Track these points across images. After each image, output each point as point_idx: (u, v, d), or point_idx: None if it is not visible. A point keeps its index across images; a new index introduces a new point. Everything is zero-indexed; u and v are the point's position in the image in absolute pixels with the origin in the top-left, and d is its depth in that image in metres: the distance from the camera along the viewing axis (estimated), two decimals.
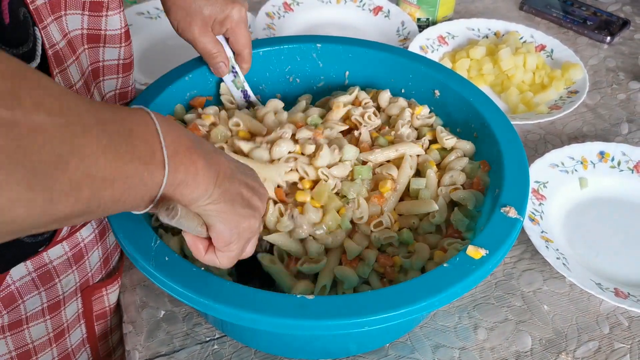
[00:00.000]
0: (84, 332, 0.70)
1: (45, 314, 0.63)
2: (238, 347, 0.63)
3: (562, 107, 0.91)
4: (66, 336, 0.67)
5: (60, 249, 0.62)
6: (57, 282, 0.63)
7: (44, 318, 0.63)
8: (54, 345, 0.66)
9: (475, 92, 0.73)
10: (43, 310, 0.63)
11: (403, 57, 0.78)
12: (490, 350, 0.64)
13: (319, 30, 1.10)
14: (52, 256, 0.61)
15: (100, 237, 0.67)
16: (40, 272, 0.61)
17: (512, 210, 0.57)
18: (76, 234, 0.63)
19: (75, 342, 0.69)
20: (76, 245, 0.64)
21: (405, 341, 0.64)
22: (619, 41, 1.12)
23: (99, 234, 0.67)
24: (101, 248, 0.68)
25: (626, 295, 0.67)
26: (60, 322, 0.66)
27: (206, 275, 0.51)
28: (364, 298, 0.50)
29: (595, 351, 0.64)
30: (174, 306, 0.67)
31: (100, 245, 0.68)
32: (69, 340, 0.68)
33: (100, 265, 0.69)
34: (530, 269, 0.72)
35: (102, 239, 0.68)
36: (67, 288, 0.64)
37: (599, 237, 0.76)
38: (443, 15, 1.12)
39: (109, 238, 0.69)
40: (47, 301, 0.63)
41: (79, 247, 0.64)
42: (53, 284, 0.63)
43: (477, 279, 0.53)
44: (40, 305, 0.62)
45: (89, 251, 0.66)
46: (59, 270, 0.63)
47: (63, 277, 0.63)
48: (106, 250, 0.69)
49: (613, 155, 0.83)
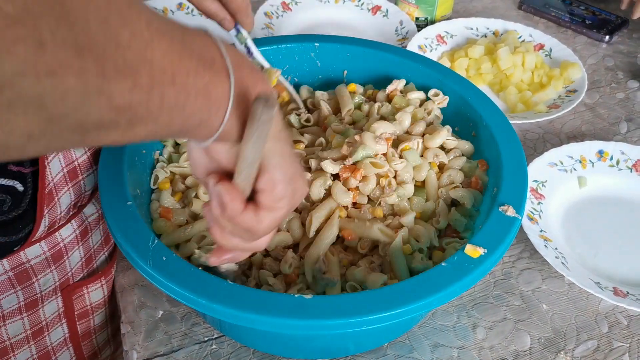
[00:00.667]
0: (66, 332, 0.69)
1: (22, 311, 0.63)
2: (236, 346, 0.63)
3: (561, 106, 0.91)
4: (45, 334, 0.67)
5: (38, 248, 0.62)
6: (34, 282, 0.63)
7: (20, 316, 0.63)
8: (31, 342, 0.66)
9: (473, 91, 0.72)
10: (20, 308, 0.63)
11: (401, 57, 0.78)
12: (489, 350, 0.64)
13: (317, 29, 1.10)
14: (29, 255, 0.61)
15: (82, 237, 0.67)
16: (16, 271, 0.60)
17: (511, 209, 0.57)
18: (55, 234, 0.63)
19: (56, 340, 0.69)
20: (55, 245, 0.63)
21: (403, 340, 0.64)
22: (617, 40, 1.12)
23: (81, 234, 0.66)
24: (83, 248, 0.67)
25: (625, 294, 0.67)
26: (38, 320, 0.65)
27: (204, 275, 0.51)
28: (362, 297, 0.50)
29: (594, 350, 0.64)
30: (172, 306, 0.67)
31: (82, 246, 0.67)
32: (48, 339, 0.68)
33: (81, 265, 0.68)
34: (529, 268, 0.72)
35: (84, 239, 0.67)
36: (45, 287, 0.64)
37: (597, 236, 0.76)
38: (442, 15, 1.12)
39: (92, 238, 0.69)
40: (24, 299, 0.63)
41: (58, 247, 0.64)
42: (30, 283, 0.62)
43: (476, 278, 0.53)
44: (17, 304, 0.62)
45: (69, 251, 0.65)
46: (37, 270, 0.62)
47: (41, 277, 0.63)
48: (89, 250, 0.69)
49: (612, 154, 0.83)
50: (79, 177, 0.63)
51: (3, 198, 0.56)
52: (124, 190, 0.58)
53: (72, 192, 0.63)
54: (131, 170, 0.62)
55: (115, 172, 0.59)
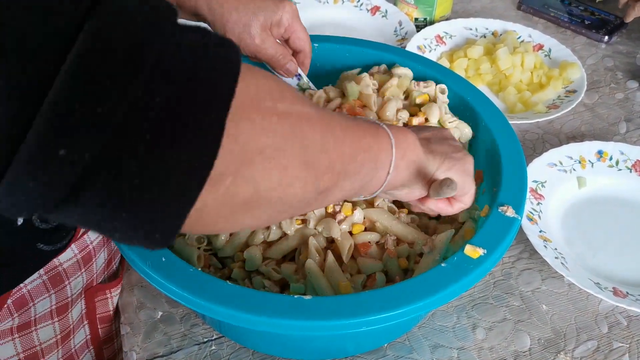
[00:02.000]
0: (87, 333, 0.70)
1: (54, 316, 0.63)
2: (236, 347, 0.63)
3: (560, 107, 0.91)
4: (71, 337, 0.67)
5: (70, 252, 0.62)
6: (66, 284, 0.63)
7: (52, 320, 0.63)
8: (59, 346, 0.66)
9: (473, 91, 0.72)
10: (52, 312, 0.63)
11: (401, 57, 0.78)
12: (489, 350, 0.64)
13: (316, 30, 1.10)
14: (62, 259, 0.62)
15: (106, 239, 0.67)
16: (50, 275, 0.61)
17: (510, 209, 0.57)
18: (84, 237, 0.64)
19: (78, 343, 0.69)
20: (85, 248, 0.64)
21: (403, 341, 0.64)
22: (616, 40, 1.12)
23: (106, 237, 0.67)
24: (106, 250, 0.68)
25: (625, 295, 0.66)
26: (67, 324, 0.66)
27: (203, 276, 0.51)
28: (362, 298, 0.50)
29: (594, 351, 0.64)
30: (171, 307, 0.67)
31: (106, 247, 0.68)
32: (72, 342, 0.68)
33: (104, 267, 0.69)
34: (529, 268, 0.72)
35: (108, 240, 0.68)
36: (75, 290, 0.65)
37: (597, 236, 0.76)
38: (441, 15, 1.12)
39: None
40: (56, 303, 0.63)
41: (88, 250, 0.65)
42: (63, 286, 0.63)
43: (475, 278, 0.52)
44: (49, 307, 0.63)
45: (97, 253, 0.66)
46: (69, 273, 0.63)
47: (72, 279, 0.64)
48: (110, 251, 0.70)
49: (611, 155, 0.83)
50: None
51: None
52: None
53: None
54: None
55: None
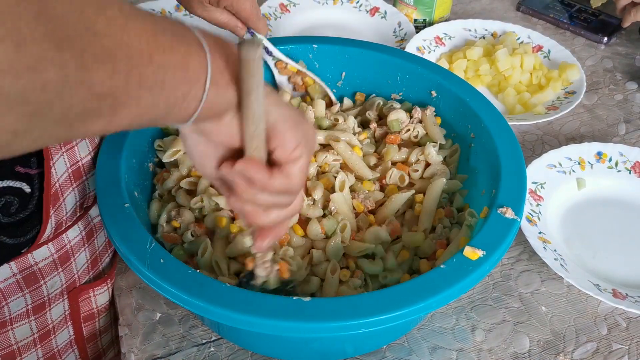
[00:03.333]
0: (72, 334, 0.69)
1: (30, 314, 0.63)
2: (234, 349, 0.63)
3: (560, 108, 0.91)
4: (52, 337, 0.67)
5: (46, 250, 0.61)
6: (42, 284, 0.62)
7: (28, 319, 0.63)
8: (38, 345, 0.65)
9: (472, 92, 0.72)
10: (28, 311, 0.62)
11: (400, 58, 0.78)
12: (488, 352, 0.64)
13: (315, 31, 1.10)
14: (37, 258, 0.61)
15: (88, 239, 0.67)
16: (25, 274, 0.60)
17: (510, 211, 0.57)
18: (62, 236, 0.63)
19: (62, 343, 0.68)
20: (62, 247, 0.63)
21: (402, 343, 0.64)
22: (616, 42, 1.12)
23: (86, 236, 0.66)
24: (89, 250, 0.67)
25: (624, 296, 0.66)
26: (46, 323, 0.65)
27: (201, 277, 0.51)
28: (361, 300, 0.50)
29: (593, 352, 0.64)
30: (170, 309, 0.66)
31: (88, 247, 0.67)
32: (54, 341, 0.67)
33: (87, 267, 0.68)
34: (528, 270, 0.72)
35: (90, 240, 0.67)
36: (52, 290, 0.64)
37: (597, 237, 0.76)
38: (440, 16, 1.12)
39: (98, 239, 0.69)
40: (31, 302, 0.62)
41: (65, 249, 0.63)
42: (38, 286, 0.62)
43: (474, 280, 0.52)
44: (25, 307, 0.62)
45: (75, 253, 0.65)
46: (44, 272, 0.62)
47: (48, 279, 0.63)
48: (94, 251, 0.69)
49: (610, 156, 0.83)
50: (83, 177, 0.63)
51: (10, 200, 0.56)
52: (121, 192, 0.58)
53: (76, 193, 0.63)
54: (129, 172, 0.62)
55: (112, 174, 0.59)
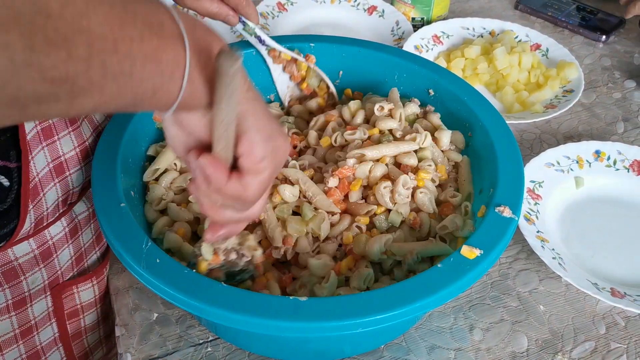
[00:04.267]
0: (56, 331, 0.69)
1: (10, 310, 0.62)
2: (232, 349, 0.63)
3: (558, 106, 0.91)
4: (34, 334, 0.66)
5: (27, 246, 0.61)
6: (22, 280, 0.62)
7: (8, 314, 0.62)
8: (20, 341, 0.65)
9: (469, 91, 0.72)
10: (8, 306, 0.62)
11: (397, 57, 0.77)
12: (486, 351, 0.63)
13: (313, 30, 1.10)
14: (17, 253, 0.60)
15: (72, 235, 0.66)
16: (4, 269, 0.60)
17: (507, 209, 0.57)
18: (44, 232, 0.62)
19: (45, 340, 0.68)
20: (44, 243, 0.62)
21: (400, 342, 0.64)
22: (614, 40, 1.12)
23: (70, 232, 0.66)
24: (72, 247, 0.67)
25: (622, 295, 0.66)
26: (27, 319, 0.65)
27: (198, 277, 0.50)
28: (358, 299, 0.50)
29: (591, 351, 0.64)
30: (167, 309, 0.66)
31: (72, 244, 0.66)
32: (37, 338, 0.67)
33: (72, 263, 0.67)
34: (526, 269, 0.72)
35: (74, 237, 0.66)
36: (33, 286, 0.63)
37: (595, 236, 0.75)
38: (438, 15, 1.12)
39: (83, 237, 0.68)
40: (11, 298, 0.62)
41: (47, 245, 0.63)
42: (18, 282, 0.62)
43: (472, 279, 0.52)
44: (5, 302, 0.61)
45: (57, 249, 0.64)
46: (25, 268, 0.62)
47: (29, 275, 0.62)
48: (79, 248, 0.68)
49: (609, 154, 0.82)
50: (65, 172, 0.62)
51: None
52: (117, 191, 0.57)
53: (58, 188, 0.62)
54: (125, 171, 0.61)
55: (108, 173, 0.59)
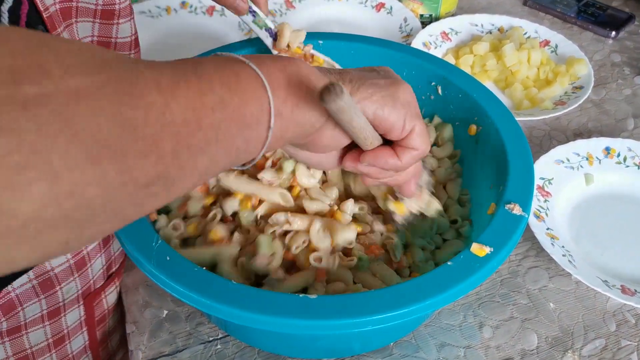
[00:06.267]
0: (86, 339, 0.69)
1: (45, 320, 0.63)
2: (241, 346, 0.63)
3: (567, 103, 0.91)
4: (66, 342, 0.67)
5: (63, 257, 0.61)
6: (57, 290, 0.62)
7: (43, 324, 0.63)
8: (53, 351, 0.65)
9: (478, 88, 0.72)
10: (42, 316, 0.62)
11: (406, 54, 0.77)
12: (496, 349, 0.63)
13: (320, 27, 1.10)
14: (53, 264, 0.61)
15: (104, 245, 0.66)
16: (41, 280, 0.60)
17: (517, 207, 0.57)
18: None
19: (77, 349, 0.68)
20: (78, 253, 0.63)
21: (409, 340, 0.64)
22: (624, 36, 1.11)
23: (103, 242, 0.66)
24: (104, 256, 0.67)
25: (633, 293, 0.66)
26: (60, 329, 0.65)
27: (208, 274, 0.51)
28: (368, 297, 0.50)
29: (602, 349, 0.64)
30: (176, 306, 0.66)
31: (104, 253, 0.67)
32: (69, 347, 0.67)
33: (102, 272, 0.68)
34: (536, 266, 0.72)
35: (106, 246, 0.67)
36: (67, 295, 0.64)
37: (605, 233, 0.75)
38: (446, 11, 1.11)
39: (113, 245, 0.68)
40: (47, 308, 0.62)
41: (82, 255, 0.63)
42: (54, 292, 0.62)
43: (482, 276, 0.52)
44: (40, 312, 0.62)
45: (91, 259, 0.65)
46: (60, 278, 0.62)
47: (64, 285, 0.63)
48: (110, 257, 0.68)
49: (619, 151, 0.82)
50: None
51: None
52: None
53: None
54: None
55: None
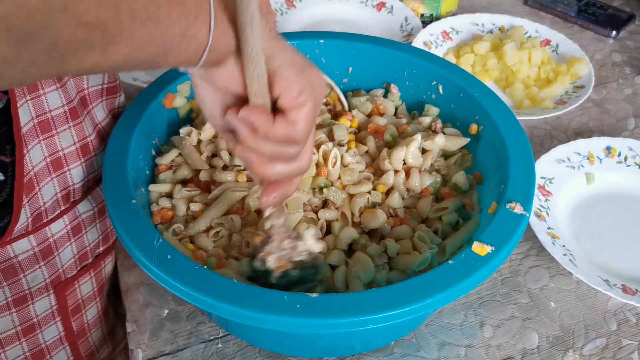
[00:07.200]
0: (61, 330, 0.68)
1: (11, 307, 0.62)
2: (242, 345, 0.63)
3: (568, 102, 0.91)
4: (37, 332, 0.66)
5: (26, 243, 0.60)
6: (22, 277, 0.62)
7: (9, 311, 0.62)
8: (22, 339, 0.65)
9: (480, 87, 0.72)
10: (7, 303, 0.62)
11: (407, 53, 0.77)
12: (497, 348, 0.63)
13: (321, 26, 1.10)
14: (16, 250, 0.60)
15: (75, 234, 0.65)
16: (3, 267, 0.59)
17: (518, 206, 0.57)
18: (44, 229, 0.61)
19: (50, 339, 0.68)
20: (44, 241, 0.62)
21: (410, 339, 0.64)
22: (624, 36, 1.11)
23: (73, 231, 0.65)
24: (76, 245, 0.66)
25: (634, 292, 0.66)
26: (29, 317, 0.64)
27: (209, 273, 0.51)
28: (369, 296, 0.50)
29: (602, 348, 0.64)
30: (177, 305, 0.66)
31: (75, 242, 0.66)
32: (41, 337, 0.67)
33: (75, 262, 0.67)
34: (537, 265, 0.72)
35: (77, 235, 0.66)
36: (33, 284, 0.63)
37: (606, 233, 0.75)
38: (447, 11, 1.11)
39: (88, 236, 0.67)
40: (11, 295, 0.62)
41: (48, 243, 0.62)
42: (17, 279, 0.61)
43: (483, 276, 0.52)
44: (5, 299, 0.61)
45: (59, 247, 0.64)
46: (24, 265, 0.61)
47: (29, 273, 0.62)
48: (83, 247, 0.67)
49: (619, 151, 0.82)
50: (64, 167, 0.61)
51: None
52: (128, 189, 0.58)
53: (56, 183, 0.61)
54: (136, 169, 0.61)
55: (119, 170, 0.59)
